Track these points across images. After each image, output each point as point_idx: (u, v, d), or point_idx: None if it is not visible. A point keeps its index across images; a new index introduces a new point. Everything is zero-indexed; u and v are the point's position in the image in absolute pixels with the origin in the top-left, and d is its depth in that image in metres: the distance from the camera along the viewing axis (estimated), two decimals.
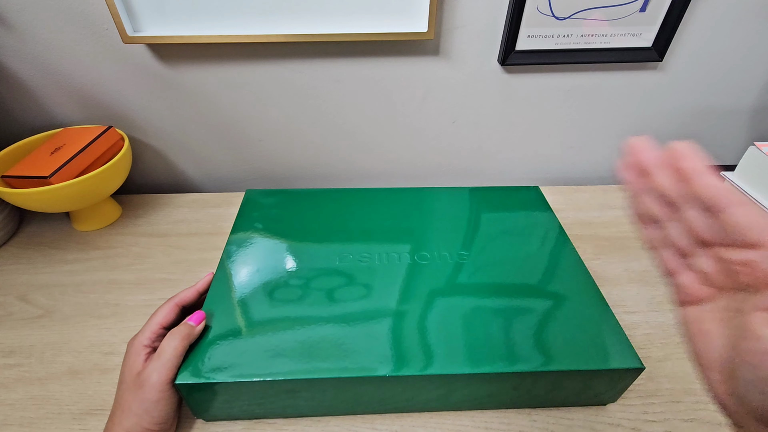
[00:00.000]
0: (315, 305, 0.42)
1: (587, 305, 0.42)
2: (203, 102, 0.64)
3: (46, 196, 0.52)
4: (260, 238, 0.50)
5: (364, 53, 0.60)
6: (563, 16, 0.56)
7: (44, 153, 0.57)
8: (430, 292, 0.44)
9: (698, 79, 0.65)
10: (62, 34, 0.56)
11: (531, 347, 0.38)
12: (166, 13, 0.54)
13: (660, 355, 0.46)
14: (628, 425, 0.40)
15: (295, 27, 0.55)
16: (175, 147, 0.69)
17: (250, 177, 0.74)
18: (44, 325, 0.49)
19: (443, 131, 0.69)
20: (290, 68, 0.61)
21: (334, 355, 0.37)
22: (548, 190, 0.71)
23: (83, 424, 0.40)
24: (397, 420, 0.41)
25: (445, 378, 0.37)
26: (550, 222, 0.53)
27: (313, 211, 0.54)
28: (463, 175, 0.76)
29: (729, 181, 0.58)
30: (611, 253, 0.59)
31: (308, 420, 0.41)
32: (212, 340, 0.38)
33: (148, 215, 0.66)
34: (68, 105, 0.63)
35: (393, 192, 0.58)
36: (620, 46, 0.60)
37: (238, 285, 0.44)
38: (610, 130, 0.71)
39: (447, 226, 0.52)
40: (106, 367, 0.45)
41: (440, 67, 0.62)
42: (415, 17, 0.55)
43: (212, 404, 0.38)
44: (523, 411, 0.41)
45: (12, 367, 0.45)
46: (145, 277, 0.55)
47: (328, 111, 0.66)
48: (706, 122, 0.71)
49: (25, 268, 0.56)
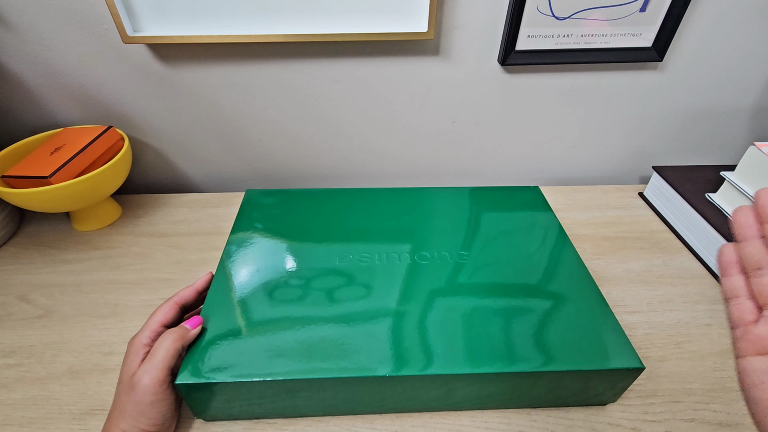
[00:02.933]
0: (315, 305, 0.42)
1: (587, 305, 0.42)
2: (203, 102, 0.64)
3: (46, 196, 0.52)
4: (260, 238, 0.50)
5: (364, 53, 0.60)
6: (563, 16, 0.56)
7: (44, 153, 0.57)
8: (430, 292, 0.44)
9: (698, 79, 0.65)
10: (62, 34, 0.56)
11: (531, 347, 0.38)
12: (166, 13, 0.54)
13: (660, 355, 0.46)
14: (628, 425, 0.40)
15: (295, 27, 0.55)
16: (175, 147, 0.69)
17: (250, 177, 0.74)
18: (44, 325, 0.49)
19: (443, 131, 0.69)
20: (290, 68, 0.61)
21: (334, 355, 0.37)
22: (548, 190, 0.71)
23: (83, 424, 0.40)
24: (397, 420, 0.41)
25: (445, 378, 0.37)
26: (550, 222, 0.53)
27: (313, 211, 0.54)
28: (463, 175, 0.76)
29: (729, 180, 0.58)
30: (611, 253, 0.59)
31: (308, 420, 0.41)
32: (212, 340, 0.38)
33: (148, 215, 0.66)
34: (68, 105, 0.63)
35: (393, 192, 0.58)
36: (620, 46, 0.60)
37: (238, 285, 0.44)
38: (610, 131, 0.71)
39: (447, 226, 0.52)
40: (106, 367, 0.45)
41: (440, 67, 0.62)
42: (415, 17, 0.55)
43: (212, 404, 0.38)
44: (523, 411, 0.41)
45: (12, 367, 0.45)
46: (145, 277, 0.55)
47: (328, 111, 0.66)
48: (706, 122, 0.71)
49: (25, 268, 0.56)
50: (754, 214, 0.25)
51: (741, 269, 0.25)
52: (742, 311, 0.25)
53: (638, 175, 0.78)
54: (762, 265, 0.24)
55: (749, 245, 0.25)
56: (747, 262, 0.25)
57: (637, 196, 0.71)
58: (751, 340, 0.24)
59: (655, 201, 0.68)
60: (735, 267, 0.26)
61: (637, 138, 0.72)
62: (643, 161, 0.76)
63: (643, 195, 0.71)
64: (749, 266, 0.25)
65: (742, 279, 0.25)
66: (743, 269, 0.25)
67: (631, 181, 0.79)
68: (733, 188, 0.58)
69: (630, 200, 0.70)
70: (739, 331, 0.25)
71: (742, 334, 0.25)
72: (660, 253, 0.60)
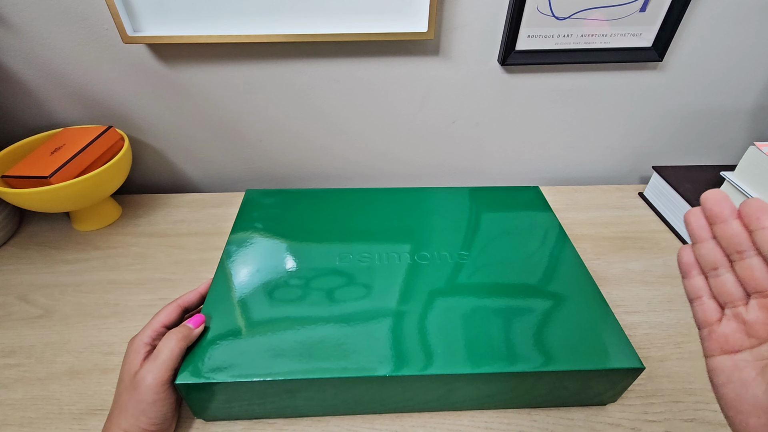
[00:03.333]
0: (315, 305, 0.42)
1: (587, 305, 0.42)
2: (203, 102, 0.64)
3: (46, 196, 0.52)
4: (260, 238, 0.50)
5: (364, 53, 0.60)
6: (563, 16, 0.56)
7: (44, 153, 0.57)
8: (430, 292, 0.44)
9: (698, 79, 0.65)
10: (62, 34, 0.56)
11: (531, 347, 0.38)
12: (166, 13, 0.54)
13: (660, 355, 0.46)
14: (628, 425, 0.40)
15: (295, 27, 0.55)
16: (175, 147, 0.69)
17: (250, 177, 0.74)
18: (44, 325, 0.49)
19: (443, 131, 0.69)
20: (290, 68, 0.61)
21: (334, 355, 0.37)
22: (548, 190, 0.71)
23: (83, 424, 0.40)
24: (397, 420, 0.41)
25: (445, 378, 0.37)
26: (550, 222, 0.53)
27: (313, 211, 0.54)
28: (463, 175, 0.76)
29: (729, 180, 0.58)
30: (611, 253, 0.59)
31: (308, 420, 0.41)
32: (212, 340, 0.38)
33: (148, 215, 0.66)
34: (68, 105, 0.63)
35: (393, 192, 0.58)
36: (620, 46, 0.60)
37: (238, 285, 0.44)
38: (610, 130, 0.71)
39: (447, 226, 0.52)
40: (106, 367, 0.45)
41: (440, 67, 0.62)
42: (415, 17, 0.55)
43: (212, 404, 0.38)
44: (523, 411, 0.41)
45: (12, 367, 0.45)
46: (145, 277, 0.55)
47: (328, 111, 0.66)
48: (706, 122, 0.71)
49: (25, 268, 0.56)
50: (705, 216, 0.25)
51: (700, 270, 0.26)
52: (705, 311, 0.26)
53: (638, 175, 0.78)
54: (718, 264, 0.25)
55: (703, 247, 0.25)
56: (703, 263, 0.25)
57: (637, 196, 0.71)
58: (716, 339, 0.25)
59: (655, 201, 0.68)
60: (694, 268, 0.26)
61: (637, 138, 0.72)
62: (643, 161, 0.76)
63: (643, 195, 0.71)
64: (706, 267, 0.25)
65: (702, 279, 0.26)
66: (702, 270, 0.26)
67: (631, 181, 0.79)
68: (733, 188, 0.58)
69: (630, 200, 0.70)
70: (705, 332, 0.26)
71: (708, 333, 0.25)
72: (660, 253, 0.60)
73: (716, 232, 0.24)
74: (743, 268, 0.24)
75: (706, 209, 0.24)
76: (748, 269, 0.23)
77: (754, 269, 0.23)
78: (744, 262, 0.23)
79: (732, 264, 0.24)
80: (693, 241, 0.26)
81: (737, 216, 0.24)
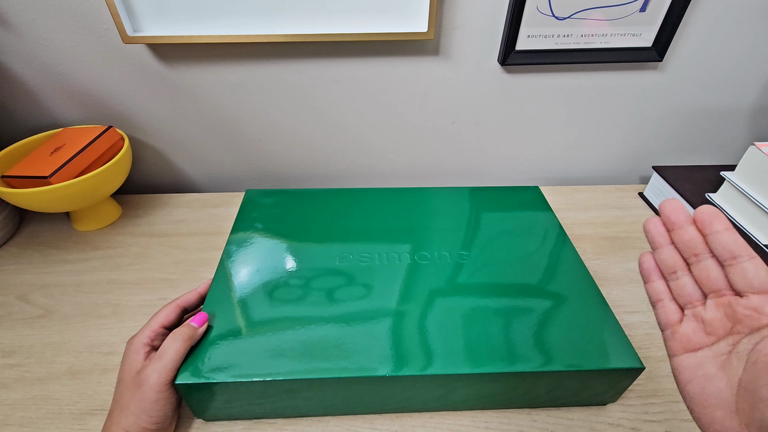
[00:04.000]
0: (315, 305, 0.42)
1: (587, 305, 0.42)
2: (203, 102, 0.64)
3: (46, 196, 0.52)
4: (260, 238, 0.50)
5: (364, 53, 0.60)
6: (563, 16, 0.56)
7: (44, 153, 0.57)
8: (430, 292, 0.44)
9: (698, 79, 0.65)
10: (62, 34, 0.56)
11: (531, 347, 0.38)
12: (166, 13, 0.54)
13: (660, 355, 0.46)
14: (628, 425, 0.40)
15: (295, 27, 0.55)
16: (175, 147, 0.69)
17: (250, 177, 0.74)
18: (44, 325, 0.49)
19: (443, 131, 0.69)
20: (290, 68, 0.61)
21: (334, 355, 0.37)
22: (548, 190, 0.71)
23: (83, 424, 0.40)
24: (397, 420, 0.41)
25: (445, 378, 0.37)
26: (550, 222, 0.53)
27: (313, 211, 0.54)
28: (463, 175, 0.76)
29: (729, 180, 0.58)
30: (611, 253, 0.59)
31: (308, 420, 0.41)
32: (212, 340, 0.38)
33: (148, 215, 0.66)
34: (68, 105, 0.63)
35: (393, 192, 0.58)
36: (620, 46, 0.60)
37: (238, 285, 0.44)
38: (610, 131, 0.71)
39: (447, 226, 0.52)
40: (106, 367, 0.45)
41: (440, 67, 0.62)
42: (415, 17, 0.55)
43: (212, 404, 0.38)
44: (523, 411, 0.41)
45: (12, 367, 0.45)
46: (145, 277, 0.55)
47: (328, 111, 0.66)
48: (706, 122, 0.71)
49: (25, 268, 0.56)
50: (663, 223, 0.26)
51: (660, 274, 0.27)
52: (667, 313, 0.27)
53: (638, 175, 0.78)
54: (676, 268, 0.26)
55: (662, 252, 0.27)
56: (663, 267, 0.27)
57: (637, 196, 0.71)
58: (679, 339, 0.26)
59: (655, 201, 0.68)
60: (655, 273, 0.28)
61: (637, 138, 0.72)
62: (643, 161, 0.76)
63: (643, 195, 0.71)
64: (666, 271, 0.27)
65: (663, 283, 0.28)
66: (662, 274, 0.27)
67: (631, 181, 0.79)
68: (733, 188, 0.58)
69: (630, 200, 0.70)
70: (668, 332, 0.27)
71: (671, 334, 0.26)
72: None
73: (674, 237, 0.26)
74: (700, 270, 0.25)
75: (664, 217, 0.26)
76: (705, 271, 0.25)
77: (709, 271, 0.25)
78: (700, 264, 0.25)
79: (689, 267, 0.26)
80: (653, 247, 0.27)
81: (692, 222, 0.25)
